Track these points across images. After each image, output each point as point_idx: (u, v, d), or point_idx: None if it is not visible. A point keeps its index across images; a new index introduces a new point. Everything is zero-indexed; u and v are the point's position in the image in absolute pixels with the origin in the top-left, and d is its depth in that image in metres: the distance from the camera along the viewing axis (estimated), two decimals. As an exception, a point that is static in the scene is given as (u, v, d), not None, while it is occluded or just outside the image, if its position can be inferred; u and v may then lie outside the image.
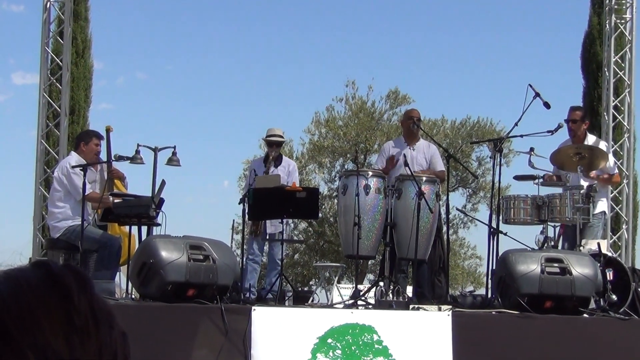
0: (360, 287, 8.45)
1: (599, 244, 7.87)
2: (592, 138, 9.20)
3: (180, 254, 6.64)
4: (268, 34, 37.65)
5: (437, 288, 8.79)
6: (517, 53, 37.62)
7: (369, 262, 22.80)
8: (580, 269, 7.00)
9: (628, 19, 12.00)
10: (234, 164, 39.27)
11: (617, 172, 9.54)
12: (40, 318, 0.98)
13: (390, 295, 7.55)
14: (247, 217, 8.38)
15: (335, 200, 21.36)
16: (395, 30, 37.37)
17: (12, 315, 0.98)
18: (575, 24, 34.75)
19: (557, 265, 7.05)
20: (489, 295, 7.85)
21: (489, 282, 8.04)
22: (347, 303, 7.83)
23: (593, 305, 7.29)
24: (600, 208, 8.85)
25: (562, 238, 8.70)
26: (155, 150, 8.55)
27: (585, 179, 8.50)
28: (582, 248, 7.98)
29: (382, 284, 8.01)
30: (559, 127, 8.61)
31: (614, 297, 7.43)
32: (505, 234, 8.24)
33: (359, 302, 7.63)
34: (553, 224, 8.50)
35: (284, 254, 9.05)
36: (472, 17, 37.51)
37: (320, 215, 23.83)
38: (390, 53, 37.00)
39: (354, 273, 11.10)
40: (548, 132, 8.48)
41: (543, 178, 8.56)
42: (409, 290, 8.98)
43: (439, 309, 7.03)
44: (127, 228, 8.65)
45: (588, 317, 7.10)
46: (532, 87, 8.23)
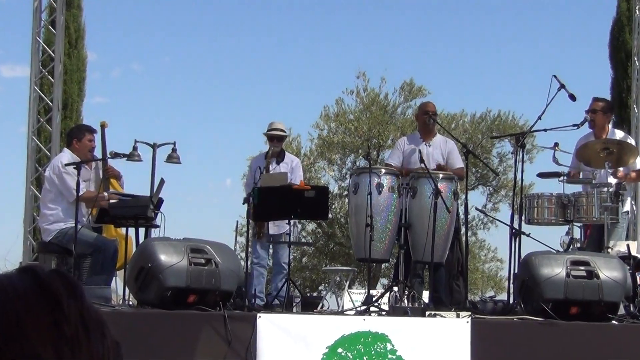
0: (373, 292, 8.47)
1: (629, 246, 7.86)
2: (619, 133, 9.17)
3: (181, 258, 6.65)
4: (273, 22, 37.71)
5: (455, 293, 8.79)
6: (540, 41, 37.62)
7: (382, 265, 22.81)
8: (609, 273, 6.99)
9: (660, 4, 11.95)
10: (238, 161, 39.46)
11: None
12: (28, 327, 0.99)
13: (405, 301, 7.55)
14: (251, 217, 8.39)
15: (346, 200, 21.36)
16: (410, 17, 37.37)
17: (-3, 325, 0.98)
18: (603, 10, 34.74)
19: (583, 269, 7.03)
20: (511, 301, 7.83)
21: (511, 286, 8.03)
22: (358, 310, 7.83)
23: (622, 311, 7.28)
24: (626, 207, 8.83)
25: (588, 239, 8.69)
26: (154, 147, 8.58)
27: (613, 177, 8.47)
28: (610, 250, 7.96)
29: (396, 289, 8.01)
30: (585, 120, 8.60)
31: (645, 302, 7.41)
32: (528, 235, 8.23)
33: (372, 308, 7.62)
34: (579, 224, 8.48)
35: (291, 257, 9.06)
36: (492, 1, 37.47)
37: (330, 216, 23.86)
38: (405, 41, 37.04)
39: (366, 277, 11.08)
40: (574, 126, 8.47)
41: (568, 175, 8.54)
42: (425, 296, 8.97)
43: (457, 316, 7.02)
44: (123, 230, 8.66)
45: (617, 324, 7.07)
46: (556, 78, 8.22)
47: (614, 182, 8.30)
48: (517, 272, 7.68)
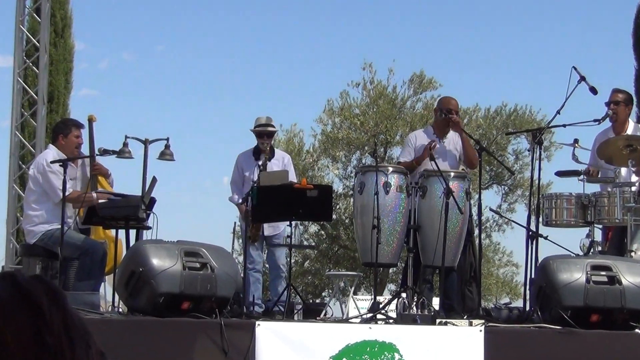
0: (380, 298, 8.47)
1: (653, 250, 7.85)
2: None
3: (174, 262, 6.66)
4: (273, 10, 37.67)
5: (467, 300, 8.79)
6: (559, 30, 37.56)
7: (390, 270, 22.83)
8: (632, 278, 6.99)
9: (687, -9, 11.95)
10: (235, 159, 39.37)
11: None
12: (7, 337, 0.98)
13: (414, 309, 7.56)
14: (250, 218, 8.39)
15: (351, 200, 21.39)
16: (419, 6, 37.32)
17: (-25, 335, 0.98)
18: (626, -3, 34.63)
19: (604, 274, 7.03)
20: (527, 308, 7.84)
21: (527, 293, 8.04)
22: (364, 317, 7.84)
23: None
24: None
25: (609, 242, 8.68)
26: (146, 143, 8.58)
27: (636, 176, 8.46)
28: (633, 254, 7.95)
29: (404, 296, 8.01)
30: (607, 115, 8.59)
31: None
32: (546, 238, 8.23)
33: (378, 316, 7.64)
34: (600, 226, 8.47)
35: (292, 261, 9.05)
36: (507, -11, 37.44)
37: (334, 217, 23.87)
38: (414, 30, 37.00)
39: (373, 283, 11.09)
40: (594, 121, 8.46)
41: (587, 173, 8.53)
42: (436, 303, 8.98)
43: (470, 324, 7.03)
44: (113, 232, 8.67)
45: (641, 333, 7.08)
46: (576, 70, 8.22)
47: (638, 181, 8.29)
48: (533, 277, 7.68)
